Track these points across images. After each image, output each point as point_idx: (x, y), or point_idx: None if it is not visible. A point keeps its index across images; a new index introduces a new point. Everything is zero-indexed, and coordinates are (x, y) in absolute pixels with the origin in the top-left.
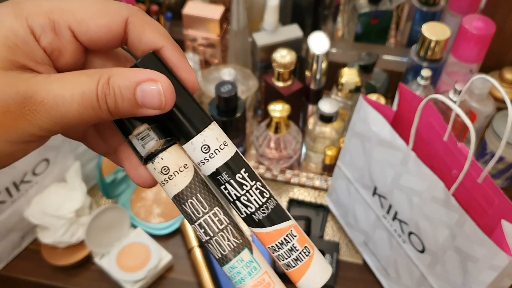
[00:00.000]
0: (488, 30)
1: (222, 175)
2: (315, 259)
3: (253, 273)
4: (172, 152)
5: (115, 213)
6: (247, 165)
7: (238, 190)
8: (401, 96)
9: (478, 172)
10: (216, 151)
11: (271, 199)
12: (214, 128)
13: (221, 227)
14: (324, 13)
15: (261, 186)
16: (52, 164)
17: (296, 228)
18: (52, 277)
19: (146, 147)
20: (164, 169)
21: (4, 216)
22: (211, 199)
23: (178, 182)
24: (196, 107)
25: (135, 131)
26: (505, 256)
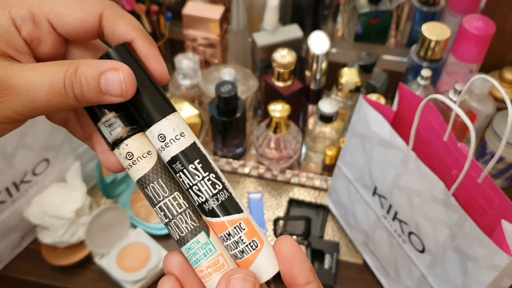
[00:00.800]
0: (488, 30)
1: (176, 164)
2: (262, 254)
3: (208, 254)
4: (137, 139)
5: (115, 213)
6: (204, 157)
7: (190, 179)
8: (401, 96)
9: (478, 172)
10: (172, 141)
11: (223, 191)
12: (172, 118)
13: (179, 210)
14: (324, 13)
15: (215, 178)
16: (52, 164)
17: (246, 221)
18: (52, 277)
19: (112, 133)
20: (128, 154)
21: (4, 216)
22: (172, 184)
23: (141, 167)
24: (158, 97)
25: (103, 118)
26: (505, 256)
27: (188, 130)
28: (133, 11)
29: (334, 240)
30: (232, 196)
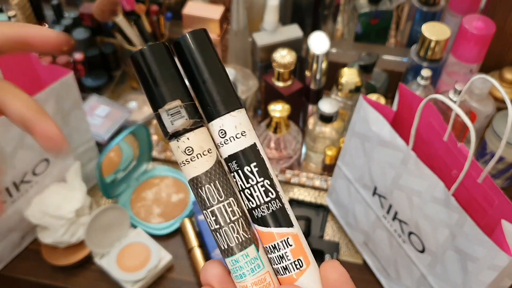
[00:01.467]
0: (488, 30)
1: (232, 163)
2: (305, 276)
3: (256, 270)
4: (199, 134)
5: (115, 213)
6: (261, 161)
7: (244, 182)
8: (401, 96)
9: (478, 172)
10: (232, 139)
11: (276, 201)
12: (236, 115)
13: (232, 218)
14: (324, 13)
15: (269, 185)
16: (52, 164)
17: (295, 237)
18: (52, 277)
19: (175, 123)
20: (188, 149)
21: (4, 216)
22: (228, 188)
23: (199, 165)
24: (226, 90)
25: (167, 106)
26: (505, 256)
27: (251, 130)
28: (133, 11)
29: (334, 240)
30: (285, 207)
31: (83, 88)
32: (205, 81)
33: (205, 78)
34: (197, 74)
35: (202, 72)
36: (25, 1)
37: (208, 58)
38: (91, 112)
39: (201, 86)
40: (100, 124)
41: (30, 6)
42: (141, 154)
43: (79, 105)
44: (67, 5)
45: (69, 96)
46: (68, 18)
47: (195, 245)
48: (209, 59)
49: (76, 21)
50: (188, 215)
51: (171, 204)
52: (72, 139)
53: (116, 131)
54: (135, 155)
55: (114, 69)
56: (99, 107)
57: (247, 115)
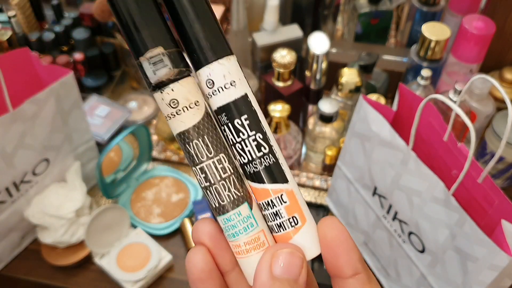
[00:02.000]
0: (488, 30)
1: (222, 116)
2: (301, 234)
3: (249, 229)
4: (185, 84)
5: (115, 213)
6: (253, 113)
7: (234, 136)
8: (401, 96)
9: (478, 172)
10: (220, 89)
11: (269, 156)
12: (225, 63)
13: (223, 175)
14: (324, 13)
15: (261, 139)
16: (52, 164)
17: (290, 194)
18: (52, 277)
19: (157, 73)
20: (172, 102)
21: (4, 216)
22: (218, 144)
23: (186, 119)
24: (214, 35)
25: (148, 54)
26: (505, 256)
27: (242, 79)
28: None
29: None
30: (279, 162)
31: (83, 88)
32: (191, 25)
33: (191, 22)
34: (182, 17)
35: (187, 15)
36: (25, 1)
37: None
38: (91, 112)
39: (186, 30)
40: (100, 124)
41: (30, 6)
42: (141, 154)
43: (79, 105)
44: (67, 5)
45: (69, 96)
46: (68, 18)
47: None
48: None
49: (76, 21)
50: (188, 215)
51: (171, 204)
52: (72, 139)
53: (116, 131)
54: (135, 155)
55: (114, 69)
56: (99, 107)
57: (237, 63)
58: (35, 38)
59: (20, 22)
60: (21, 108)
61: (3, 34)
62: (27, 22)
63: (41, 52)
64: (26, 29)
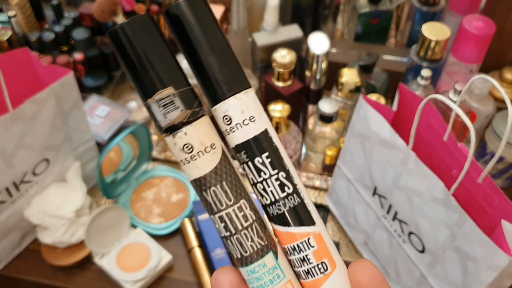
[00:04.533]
0: (488, 30)
1: (241, 154)
2: (331, 281)
3: (275, 281)
4: (199, 127)
5: (115, 213)
6: (275, 150)
7: (255, 175)
8: (401, 96)
9: (478, 172)
10: (238, 126)
11: (293, 196)
12: (243, 98)
13: (245, 224)
14: (324, 13)
15: (285, 178)
16: (52, 164)
17: (317, 237)
18: (52, 277)
19: (168, 116)
20: (186, 147)
21: (4, 216)
22: (238, 189)
23: (202, 164)
24: (231, 68)
25: (158, 95)
26: (505, 256)
27: (261, 113)
28: (133, 11)
29: (334, 240)
30: (304, 203)
31: (83, 88)
32: (205, 58)
33: (205, 54)
34: (195, 49)
35: (201, 47)
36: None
37: (208, 29)
38: (91, 112)
39: (201, 64)
40: (100, 124)
41: (30, 6)
42: (141, 154)
43: (79, 105)
44: (67, 5)
45: (69, 96)
46: (68, 18)
47: (195, 245)
48: (209, 31)
49: (76, 21)
50: (188, 215)
51: (171, 204)
52: (72, 139)
53: (116, 131)
54: (135, 155)
55: (114, 69)
56: (99, 107)
57: (256, 96)
58: (35, 38)
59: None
60: (21, 108)
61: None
62: (27, 22)
63: (41, 52)
64: (26, 29)
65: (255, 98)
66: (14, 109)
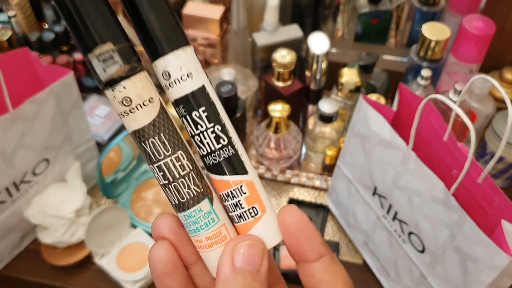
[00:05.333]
0: (488, 30)
1: (180, 108)
2: (261, 223)
3: (210, 224)
4: (137, 81)
5: (115, 213)
6: (211, 105)
7: (193, 128)
8: (401, 96)
9: (478, 172)
10: (176, 81)
11: (228, 148)
12: (181, 54)
13: (182, 173)
14: (324, 13)
15: (220, 131)
16: (52, 164)
17: (249, 184)
18: (52, 277)
19: (107, 71)
20: (125, 99)
21: (4, 216)
22: (175, 141)
23: (140, 117)
24: (170, 25)
25: (97, 50)
26: (505, 256)
27: (199, 70)
28: None
29: (334, 240)
30: (238, 154)
31: (83, 88)
32: (146, 16)
33: (146, 13)
34: (137, 8)
35: (142, 6)
36: (25, 1)
37: None
38: (91, 112)
39: (142, 21)
40: (100, 124)
41: (30, 6)
42: (141, 154)
43: (79, 105)
44: None
45: (69, 96)
46: None
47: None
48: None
49: None
50: None
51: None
52: (72, 139)
53: (116, 131)
54: (135, 155)
55: None
56: (99, 107)
57: (195, 54)
58: (35, 38)
59: (20, 22)
60: (21, 108)
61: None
62: (27, 22)
63: (41, 52)
64: (26, 29)
65: (194, 55)
66: (14, 109)
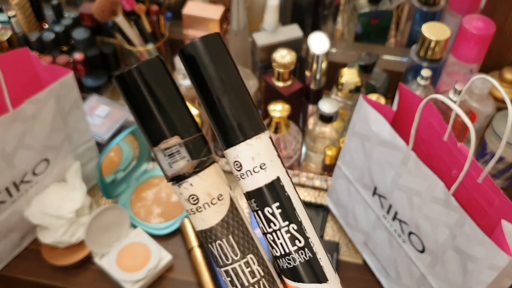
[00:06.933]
0: (488, 30)
1: (252, 202)
2: None
3: None
4: (206, 177)
5: (115, 213)
6: (287, 199)
7: (265, 225)
8: (401, 96)
9: (478, 172)
10: (248, 173)
11: (305, 251)
12: (254, 143)
13: (252, 280)
14: (324, 13)
15: (296, 231)
16: (52, 164)
17: None
18: (52, 277)
19: (173, 166)
20: (192, 197)
21: (4, 216)
22: (245, 243)
23: (208, 217)
24: (246, 111)
25: (163, 145)
26: (505, 256)
27: (274, 160)
28: (133, 11)
29: (334, 240)
30: (316, 258)
31: (83, 88)
32: (219, 100)
33: (218, 96)
34: (209, 90)
35: (214, 89)
36: (25, 1)
37: (223, 70)
38: (91, 112)
39: (213, 106)
40: (100, 124)
41: (30, 6)
42: (141, 154)
43: (79, 105)
44: (67, 5)
45: (69, 96)
46: (68, 18)
47: (195, 245)
48: (224, 72)
49: (76, 21)
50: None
51: (171, 204)
52: (72, 139)
53: (116, 131)
54: (135, 155)
55: (114, 69)
56: (99, 107)
57: (270, 141)
58: (35, 38)
59: (20, 22)
60: (21, 108)
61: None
62: (27, 22)
63: (41, 52)
64: (26, 29)
65: (268, 143)
66: (14, 109)
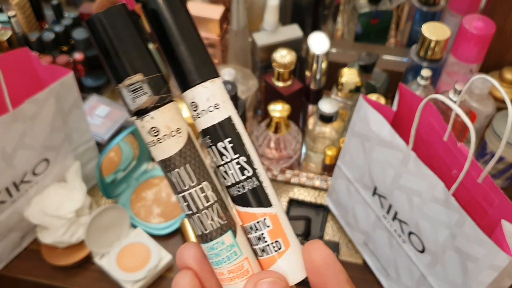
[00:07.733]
0: (488, 30)
1: (206, 139)
2: (284, 258)
3: (232, 258)
4: (166, 111)
5: (115, 213)
6: (237, 135)
7: (218, 158)
8: (401, 96)
9: (478, 172)
10: (203, 112)
11: (252, 180)
12: (209, 86)
13: (206, 204)
14: (324, 13)
15: (245, 162)
16: (52, 164)
17: (273, 218)
18: (52, 277)
19: (137, 101)
20: (153, 129)
21: (4, 216)
22: (201, 171)
23: (167, 147)
24: (200, 57)
25: (127, 81)
26: (505, 256)
27: (226, 102)
28: (133, 11)
29: (334, 240)
30: (262, 186)
31: (83, 88)
32: (176, 48)
33: (176, 44)
34: (168, 40)
35: (173, 37)
36: (25, 1)
37: (180, 22)
38: (91, 112)
39: (172, 53)
40: (100, 124)
41: (30, 6)
42: (141, 154)
43: (79, 105)
44: (67, 5)
45: (69, 96)
46: (68, 18)
47: None
48: (181, 23)
49: (76, 21)
50: None
51: (171, 204)
52: (72, 139)
53: (116, 131)
54: (135, 155)
55: None
56: (99, 107)
57: (223, 85)
58: (35, 38)
59: (20, 22)
60: (21, 108)
61: (3, 34)
62: (27, 22)
63: (41, 52)
64: (26, 29)
65: (222, 86)
66: (14, 109)
